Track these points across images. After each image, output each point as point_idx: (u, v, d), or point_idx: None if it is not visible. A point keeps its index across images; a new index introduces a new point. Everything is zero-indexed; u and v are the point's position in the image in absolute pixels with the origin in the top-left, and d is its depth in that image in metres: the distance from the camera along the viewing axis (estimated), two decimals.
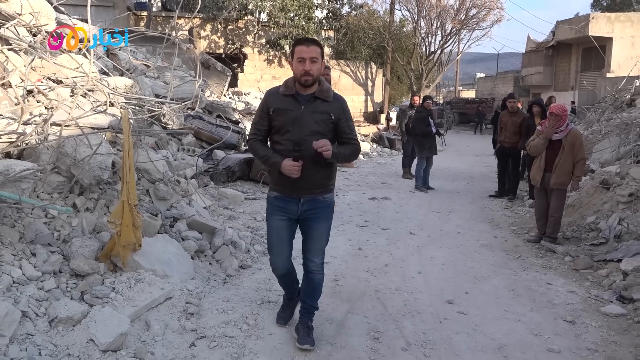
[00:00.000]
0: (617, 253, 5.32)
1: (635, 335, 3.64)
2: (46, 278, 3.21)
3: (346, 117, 3.07)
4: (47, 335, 2.69)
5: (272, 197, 3.15)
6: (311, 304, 3.32)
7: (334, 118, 3.00)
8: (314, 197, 3.07)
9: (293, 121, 2.96)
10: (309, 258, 3.20)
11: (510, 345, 3.41)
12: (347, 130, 3.07)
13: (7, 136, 3.25)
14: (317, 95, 2.99)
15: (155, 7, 20.47)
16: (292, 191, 3.05)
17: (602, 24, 25.16)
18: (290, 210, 3.09)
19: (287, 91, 3.02)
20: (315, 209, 3.09)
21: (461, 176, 11.47)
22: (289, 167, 2.91)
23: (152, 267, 3.72)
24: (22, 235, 3.45)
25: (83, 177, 3.90)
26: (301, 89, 3.00)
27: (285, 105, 2.99)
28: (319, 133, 2.96)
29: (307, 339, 3.18)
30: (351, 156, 3.13)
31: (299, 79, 2.95)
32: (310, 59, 2.89)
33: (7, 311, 2.50)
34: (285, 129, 2.98)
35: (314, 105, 2.98)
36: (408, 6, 21.94)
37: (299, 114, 2.96)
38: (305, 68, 2.89)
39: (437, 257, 5.34)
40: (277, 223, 3.12)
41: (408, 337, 3.45)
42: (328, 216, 3.19)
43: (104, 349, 2.73)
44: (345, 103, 3.14)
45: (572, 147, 5.59)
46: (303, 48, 2.91)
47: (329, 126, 3.01)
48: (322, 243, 3.20)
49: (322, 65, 2.99)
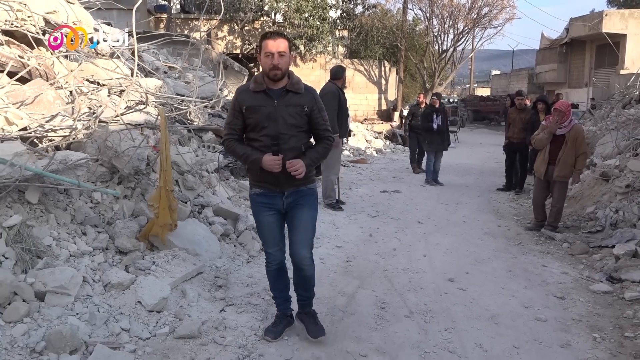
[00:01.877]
0: (611, 240, 5.68)
1: (617, 308, 4.03)
2: (96, 253, 3.71)
3: (319, 107, 3.07)
4: (102, 297, 3.20)
5: (255, 194, 3.14)
6: (307, 295, 3.33)
7: (307, 110, 3.01)
8: (297, 189, 3.09)
9: (267, 117, 2.95)
10: (297, 251, 3.12)
11: (502, 315, 3.83)
12: (321, 121, 3.08)
13: (61, 131, 3.76)
14: (289, 89, 2.99)
15: (174, 9, 21.07)
16: (275, 186, 3.05)
17: (615, 20, 25.20)
18: (276, 204, 3.10)
19: (257, 87, 2.99)
20: (299, 198, 3.10)
21: (471, 171, 11.83)
22: (270, 162, 2.91)
23: (184, 246, 4.21)
24: (73, 217, 3.96)
25: (124, 168, 4.41)
26: (271, 84, 2.98)
27: (257, 102, 2.97)
28: (295, 126, 2.98)
29: (316, 330, 3.24)
30: (324, 155, 3.15)
31: (268, 73, 2.93)
32: (278, 53, 2.88)
33: (72, 275, 3.01)
34: (260, 125, 2.97)
35: (286, 98, 2.98)
36: (421, 5, 22.23)
37: (272, 109, 2.95)
38: (273, 62, 2.88)
39: (442, 243, 5.76)
40: (267, 219, 3.13)
41: (411, 307, 3.89)
42: (313, 205, 3.18)
43: (150, 309, 3.23)
44: (316, 93, 3.13)
45: (575, 142, 5.95)
46: (270, 42, 2.89)
47: (304, 118, 3.02)
48: (309, 234, 3.16)
49: (290, 58, 2.98)
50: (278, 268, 3.26)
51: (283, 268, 3.30)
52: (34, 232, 3.40)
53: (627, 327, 3.67)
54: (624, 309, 3.98)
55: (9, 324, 2.65)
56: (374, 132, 18.00)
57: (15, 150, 3.36)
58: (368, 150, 14.75)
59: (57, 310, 2.87)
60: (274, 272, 3.27)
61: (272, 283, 3.35)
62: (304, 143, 3.09)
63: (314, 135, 3.14)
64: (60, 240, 3.57)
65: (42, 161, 3.56)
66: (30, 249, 3.25)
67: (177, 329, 3.15)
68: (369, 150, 14.86)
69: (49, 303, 2.91)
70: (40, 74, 4.15)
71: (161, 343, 3.02)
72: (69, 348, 2.64)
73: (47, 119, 3.73)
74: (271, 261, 3.23)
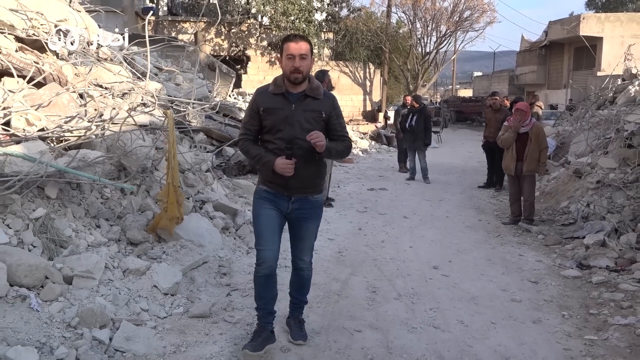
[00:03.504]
0: (582, 231, 6.14)
1: (585, 291, 4.47)
2: (111, 244, 4.02)
3: (337, 114, 3.05)
4: (122, 282, 3.52)
5: (262, 190, 3.07)
6: (300, 298, 3.32)
7: (325, 116, 2.98)
8: (305, 197, 3.03)
9: (284, 120, 2.91)
10: (299, 257, 3.17)
11: (482, 297, 4.24)
12: (339, 127, 3.05)
13: (77, 131, 4.07)
14: (308, 93, 2.95)
15: (162, 11, 21.27)
16: (284, 189, 2.99)
17: (592, 24, 26.04)
18: (281, 204, 3.03)
19: (276, 90, 2.96)
20: (305, 209, 3.05)
21: (454, 170, 12.30)
22: (282, 165, 2.85)
23: (189, 238, 4.55)
24: (87, 211, 4.27)
25: (131, 166, 4.73)
26: (291, 87, 2.94)
27: (275, 104, 2.93)
28: (310, 131, 2.89)
29: (299, 334, 3.23)
30: (343, 152, 3.11)
31: (289, 76, 2.89)
32: (299, 56, 2.85)
33: (96, 260, 3.33)
34: (276, 128, 2.92)
35: (304, 103, 2.94)
36: (404, 9, 22.76)
37: (289, 113, 2.91)
38: (295, 65, 2.85)
39: (427, 235, 6.17)
40: (267, 212, 3.02)
41: (399, 290, 4.28)
42: (318, 216, 3.17)
43: (165, 292, 3.58)
44: (335, 100, 3.11)
45: (537, 138, 6.44)
46: (292, 45, 2.86)
47: (321, 124, 2.97)
48: (312, 242, 3.19)
49: (311, 62, 2.95)
50: (267, 274, 3.04)
51: (273, 276, 3.09)
52: (56, 224, 3.71)
53: (593, 305, 4.11)
54: (591, 291, 4.42)
55: (46, 302, 2.97)
56: (359, 133, 18.42)
57: (39, 149, 3.67)
58: (354, 150, 15.15)
59: (85, 292, 3.20)
60: (262, 279, 3.05)
61: (258, 291, 3.10)
62: None
63: (331, 139, 3.04)
64: (78, 231, 3.88)
65: (62, 159, 3.87)
66: (54, 239, 3.56)
67: (190, 309, 3.49)
68: (355, 150, 15.27)
69: (76, 286, 3.23)
70: (54, 78, 4.45)
71: (177, 321, 3.37)
72: (99, 324, 2.96)
73: (65, 120, 4.03)
74: (261, 263, 3.01)
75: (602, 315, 3.91)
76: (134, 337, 2.97)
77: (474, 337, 3.49)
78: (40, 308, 2.87)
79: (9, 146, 3.64)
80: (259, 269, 3.04)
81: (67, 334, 2.83)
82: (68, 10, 4.99)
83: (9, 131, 3.93)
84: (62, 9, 4.96)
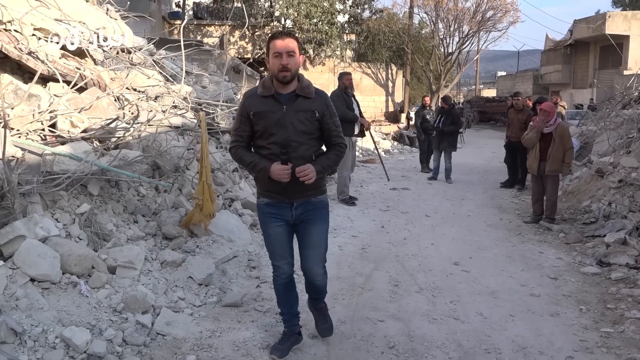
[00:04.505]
0: (604, 230, 6.20)
1: (603, 287, 4.56)
2: (148, 238, 4.30)
3: (330, 112, 2.90)
4: (160, 272, 3.79)
5: (263, 204, 2.98)
6: (318, 296, 3.29)
7: (319, 115, 2.84)
8: (307, 200, 2.92)
9: (276, 123, 2.78)
10: (309, 267, 3.04)
11: (501, 291, 4.38)
12: (333, 127, 2.91)
13: (117, 132, 4.35)
14: (299, 93, 2.81)
15: (187, 16, 21.74)
16: (284, 196, 2.88)
17: (618, 22, 25.64)
18: (285, 215, 2.93)
19: (265, 92, 2.81)
20: (309, 211, 2.95)
21: (476, 170, 12.36)
22: (278, 171, 2.73)
23: (220, 234, 4.80)
24: (125, 207, 4.56)
25: (165, 165, 5.01)
26: (280, 87, 2.81)
27: (265, 107, 2.79)
28: (305, 133, 2.82)
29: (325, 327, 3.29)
30: (336, 162, 2.99)
31: (277, 75, 2.75)
32: (286, 53, 2.71)
33: (137, 252, 3.60)
34: (268, 132, 2.80)
35: (296, 103, 2.80)
36: (426, 9, 22.81)
37: (281, 115, 2.77)
38: (282, 63, 2.70)
39: (449, 233, 6.31)
40: (275, 230, 2.96)
41: (421, 284, 4.45)
42: (324, 218, 3.04)
43: (199, 282, 3.83)
44: (328, 98, 2.95)
45: (562, 139, 6.51)
46: (278, 42, 2.73)
47: (314, 124, 2.85)
48: (321, 249, 3.04)
49: (300, 59, 2.81)
50: (286, 282, 3.11)
51: (291, 282, 3.15)
52: (98, 218, 3.99)
53: (610, 300, 4.21)
54: (609, 287, 4.52)
55: (94, 289, 3.24)
56: (382, 134, 18.55)
57: (83, 149, 3.96)
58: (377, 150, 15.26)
59: (127, 281, 3.46)
60: (282, 287, 3.11)
61: (279, 298, 3.18)
62: (314, 151, 2.89)
63: (325, 142, 2.97)
64: (118, 226, 4.16)
65: (104, 158, 4.15)
66: (98, 232, 3.84)
67: (223, 298, 3.73)
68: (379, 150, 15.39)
69: (120, 275, 3.49)
70: (94, 83, 4.75)
71: (212, 309, 3.61)
72: (141, 309, 3.22)
73: (108, 122, 4.31)
74: (279, 275, 3.07)
75: (619, 309, 4.01)
76: (173, 322, 3.22)
77: (493, 328, 3.64)
78: (89, 294, 3.13)
79: (57, 146, 3.93)
80: (277, 279, 3.10)
81: (114, 317, 3.10)
82: (106, 19, 5.30)
83: (55, 132, 4.23)
84: (100, 17, 5.28)
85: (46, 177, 3.69)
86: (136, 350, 2.92)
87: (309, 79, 3.91)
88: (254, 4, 19.88)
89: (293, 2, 19.80)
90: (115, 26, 5.37)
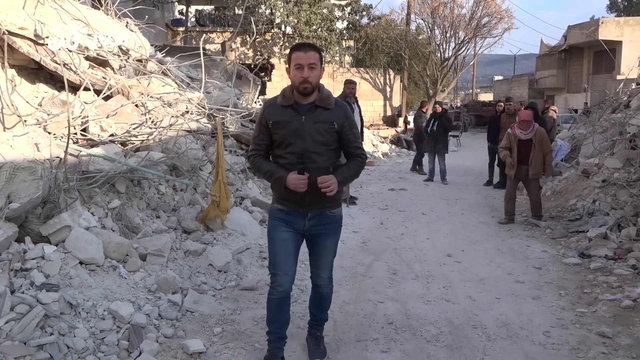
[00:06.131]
0: (587, 226, 6.68)
1: (582, 275, 5.03)
2: (170, 231, 4.76)
3: (350, 124, 2.89)
4: (184, 260, 4.25)
5: (276, 209, 2.96)
6: (320, 316, 3.21)
7: (337, 127, 2.83)
8: (321, 212, 2.90)
9: (294, 133, 2.78)
10: (317, 274, 3.08)
11: (489, 279, 4.85)
12: (352, 138, 2.90)
13: (141, 136, 4.82)
14: (318, 104, 2.81)
15: (190, 22, 22.27)
16: (299, 206, 2.86)
17: (611, 28, 26.23)
18: (297, 223, 2.90)
19: (285, 102, 2.82)
20: (323, 225, 2.92)
21: (471, 172, 12.83)
22: (295, 181, 2.71)
23: (234, 228, 5.26)
24: (147, 204, 5.02)
25: (182, 165, 5.48)
26: (300, 98, 2.80)
27: (284, 117, 2.80)
28: (323, 144, 2.81)
29: (317, 352, 3.15)
30: (357, 173, 2.97)
31: (298, 87, 2.76)
32: (308, 66, 2.71)
33: (165, 241, 4.06)
34: (287, 142, 2.79)
35: (315, 114, 2.80)
36: (423, 16, 23.37)
37: (299, 125, 2.77)
38: (303, 75, 2.71)
39: (443, 229, 6.79)
40: (283, 235, 2.91)
41: (417, 273, 4.92)
42: (336, 232, 3.04)
43: (219, 269, 4.29)
44: (347, 109, 2.95)
45: (541, 143, 6.96)
46: (300, 54, 2.73)
47: (333, 136, 2.84)
48: (330, 258, 3.08)
49: (321, 71, 2.81)
50: (281, 298, 2.97)
51: (287, 299, 3.01)
52: (127, 213, 4.45)
53: (587, 286, 4.68)
54: (587, 275, 4.99)
55: (130, 272, 3.70)
56: (380, 137, 19.05)
57: (114, 150, 4.42)
58: (375, 154, 15.78)
59: (157, 267, 3.92)
60: (275, 302, 2.96)
61: (270, 314, 3.01)
62: (332, 162, 2.87)
63: (345, 153, 2.96)
64: (144, 220, 4.62)
65: (131, 159, 4.62)
66: (127, 225, 4.30)
67: (240, 283, 4.20)
68: (376, 153, 15.91)
69: (150, 262, 3.96)
70: (118, 91, 5.22)
71: (231, 292, 4.07)
72: (172, 290, 3.68)
73: (133, 127, 4.79)
74: (275, 287, 2.94)
75: (594, 293, 4.48)
76: (200, 301, 3.69)
77: (480, 309, 4.11)
78: (127, 276, 3.59)
79: (91, 148, 4.39)
80: (273, 292, 2.96)
81: (149, 296, 3.56)
82: (127, 32, 5.78)
83: (86, 136, 4.70)
84: (122, 30, 5.76)
85: (82, 175, 4.15)
86: (170, 323, 3.39)
87: None
88: (255, 11, 20.41)
89: (293, 10, 20.34)
90: (136, 39, 5.85)
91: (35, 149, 3.63)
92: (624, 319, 3.89)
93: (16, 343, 2.63)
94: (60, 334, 2.83)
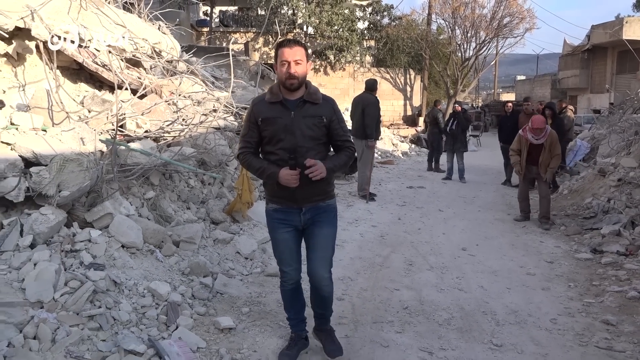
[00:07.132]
0: (601, 223, 6.82)
1: (593, 269, 5.22)
2: (199, 222, 5.09)
3: (338, 118, 2.95)
4: (213, 248, 4.58)
5: (272, 210, 3.02)
6: (323, 312, 3.20)
7: (326, 121, 2.88)
8: (315, 205, 2.95)
9: (284, 129, 2.81)
10: (315, 271, 2.98)
11: (501, 271, 5.07)
12: (341, 132, 2.96)
13: (173, 132, 5.17)
14: (306, 99, 2.85)
15: (214, 23, 22.74)
16: (292, 201, 2.91)
17: (636, 27, 25.89)
18: (293, 220, 2.96)
19: (273, 98, 2.85)
20: (318, 214, 2.97)
21: (490, 171, 12.97)
22: (287, 176, 2.76)
23: (258, 220, 5.58)
24: (178, 196, 5.37)
25: (211, 160, 5.81)
26: (288, 94, 2.84)
27: (273, 114, 2.83)
28: (313, 138, 2.86)
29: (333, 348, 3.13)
30: (346, 164, 3.02)
31: (284, 82, 2.79)
32: (294, 61, 2.75)
33: (197, 229, 4.39)
34: (277, 138, 2.83)
35: (303, 109, 2.84)
36: (444, 16, 23.42)
37: (289, 121, 2.81)
38: (289, 71, 2.74)
39: (459, 225, 7.01)
40: (283, 236, 3.00)
41: (432, 264, 5.17)
42: (332, 221, 3.05)
43: (245, 257, 4.61)
44: (335, 104, 3.00)
45: (551, 146, 7.09)
46: (286, 50, 2.76)
47: (322, 130, 2.89)
48: (328, 252, 3.02)
49: (307, 66, 2.85)
50: (293, 288, 3.12)
51: (298, 288, 3.15)
52: (161, 203, 4.79)
53: (596, 279, 4.87)
54: (598, 269, 5.17)
55: (166, 256, 4.03)
56: (400, 137, 19.25)
57: (150, 145, 4.77)
58: (395, 153, 16.00)
59: (189, 253, 4.25)
60: (289, 292, 3.12)
61: (286, 303, 3.19)
62: (322, 157, 2.91)
63: (334, 147, 3.02)
64: (176, 210, 4.96)
65: (165, 154, 4.96)
66: (161, 214, 4.64)
67: (265, 269, 4.50)
68: (396, 152, 16.12)
69: (182, 248, 4.29)
70: (152, 90, 5.57)
71: (257, 277, 4.39)
72: (203, 274, 4.00)
73: (167, 124, 5.13)
74: (286, 280, 3.08)
75: (603, 285, 4.68)
76: (229, 284, 4.00)
77: (491, 297, 4.35)
78: (163, 260, 3.93)
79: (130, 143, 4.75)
80: (285, 284, 3.11)
81: (183, 278, 3.90)
82: (160, 35, 6.14)
83: (123, 132, 5.06)
84: (155, 33, 6.12)
85: (121, 168, 4.50)
86: (202, 303, 3.71)
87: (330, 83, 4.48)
88: (278, 12, 20.77)
89: (315, 10, 20.64)
90: (167, 41, 6.20)
91: (80, 143, 3.98)
92: (628, 309, 4.09)
93: (70, 313, 2.98)
94: (107, 307, 3.17)
